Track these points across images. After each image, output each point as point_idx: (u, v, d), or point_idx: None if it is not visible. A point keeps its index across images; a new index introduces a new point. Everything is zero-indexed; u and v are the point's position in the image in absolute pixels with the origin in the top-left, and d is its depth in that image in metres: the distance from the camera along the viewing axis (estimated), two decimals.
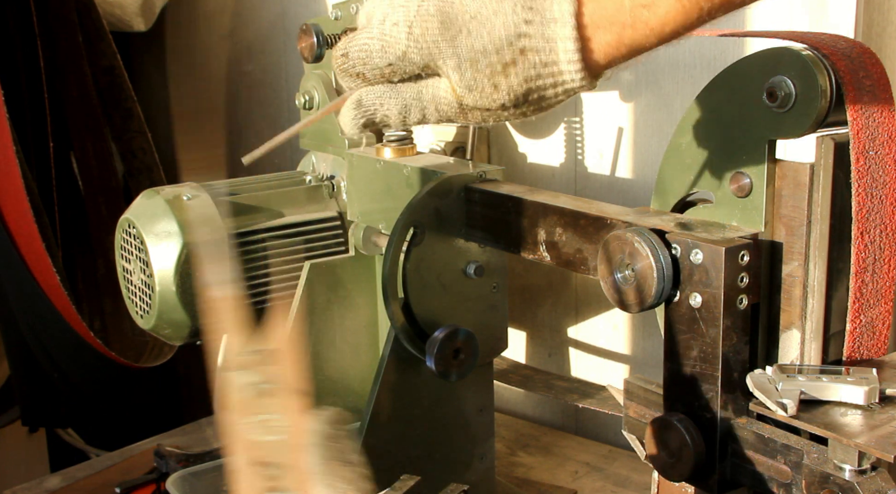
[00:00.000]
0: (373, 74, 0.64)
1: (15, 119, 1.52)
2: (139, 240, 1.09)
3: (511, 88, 0.61)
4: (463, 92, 0.62)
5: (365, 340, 1.17)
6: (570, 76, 0.61)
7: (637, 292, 0.77)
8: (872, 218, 0.75)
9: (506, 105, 0.62)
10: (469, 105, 0.63)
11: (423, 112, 0.65)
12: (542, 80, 0.61)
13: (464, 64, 0.61)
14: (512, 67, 0.61)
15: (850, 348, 0.77)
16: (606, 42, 0.60)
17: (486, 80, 0.61)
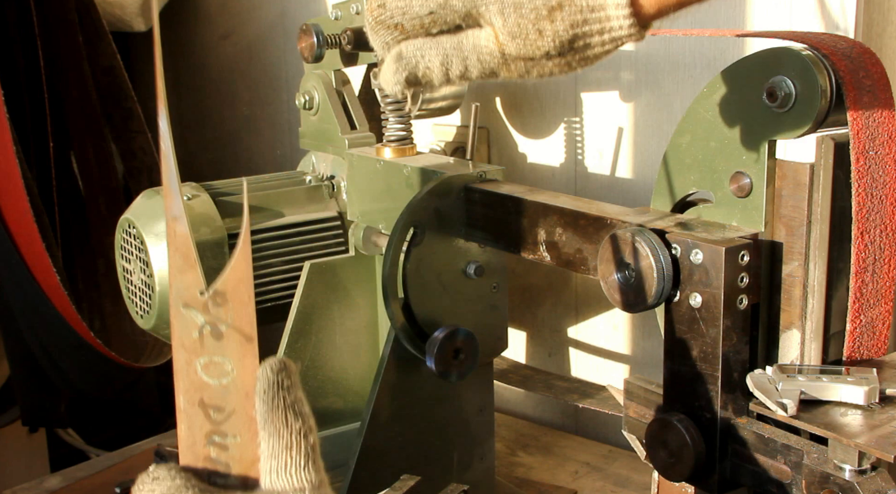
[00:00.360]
0: (412, 24, 0.61)
1: (15, 119, 1.52)
2: (139, 240, 1.09)
3: (557, 34, 0.58)
4: (506, 39, 0.59)
5: (365, 340, 1.17)
6: (619, 23, 0.58)
7: (637, 293, 0.77)
8: (872, 218, 0.75)
9: (550, 53, 0.59)
10: (512, 54, 0.60)
11: (464, 62, 0.61)
12: (590, 26, 0.58)
13: (507, 8, 0.59)
14: (558, 11, 0.58)
15: (850, 348, 0.77)
16: (661, 6, 0.58)
17: (530, 25, 0.58)
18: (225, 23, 1.96)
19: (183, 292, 0.55)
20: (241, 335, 0.55)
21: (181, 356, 0.55)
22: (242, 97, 1.97)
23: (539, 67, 0.61)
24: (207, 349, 0.55)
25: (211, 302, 0.55)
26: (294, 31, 1.19)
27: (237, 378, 0.55)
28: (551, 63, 0.61)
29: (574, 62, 0.61)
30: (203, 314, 0.55)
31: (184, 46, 2.06)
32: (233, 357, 0.55)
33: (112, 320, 1.81)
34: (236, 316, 0.55)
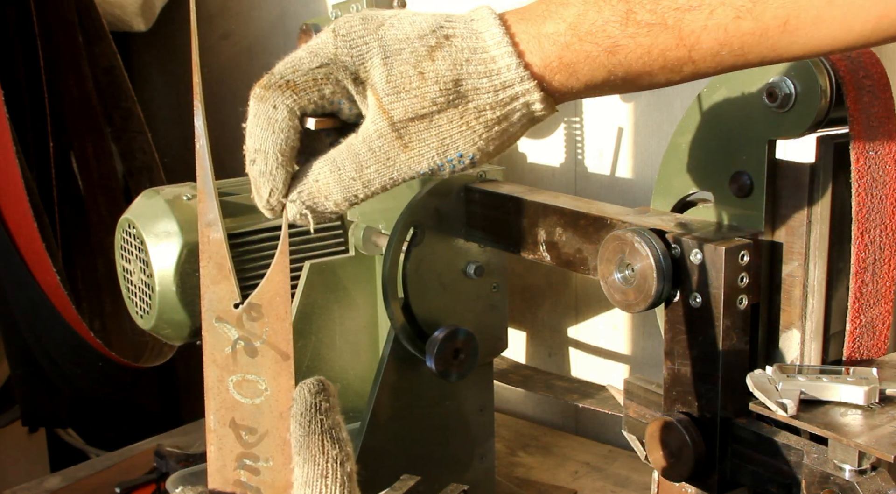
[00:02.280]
0: (304, 79, 0.60)
1: (15, 119, 1.52)
2: (139, 240, 1.09)
3: (439, 74, 0.56)
4: (390, 98, 0.57)
5: (365, 340, 1.17)
6: (506, 68, 0.56)
7: (637, 293, 0.77)
8: (872, 218, 0.75)
9: (437, 100, 0.57)
10: (400, 116, 0.57)
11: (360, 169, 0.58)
12: (473, 66, 0.57)
13: (389, 58, 0.57)
14: (438, 50, 0.57)
15: (850, 348, 0.77)
16: (544, 57, 0.57)
17: (411, 68, 0.57)
18: (225, 23, 1.96)
19: (216, 305, 0.52)
20: (276, 351, 0.52)
21: (213, 373, 0.52)
22: (242, 97, 1.96)
23: (437, 134, 0.58)
24: (241, 365, 0.52)
25: (245, 316, 0.52)
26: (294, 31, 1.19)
27: (271, 398, 0.52)
28: (447, 121, 0.57)
29: (471, 121, 0.57)
30: (237, 328, 0.52)
31: (184, 46, 2.06)
32: (267, 376, 0.52)
33: (112, 320, 1.81)
34: (272, 332, 0.52)
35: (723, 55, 0.56)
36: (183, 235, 1.07)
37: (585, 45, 0.56)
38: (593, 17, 0.56)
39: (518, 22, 0.58)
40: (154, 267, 1.08)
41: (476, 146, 0.58)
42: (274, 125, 0.60)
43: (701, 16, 0.54)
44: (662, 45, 0.56)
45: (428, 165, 0.59)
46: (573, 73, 0.57)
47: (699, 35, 0.55)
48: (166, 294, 1.07)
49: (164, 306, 1.08)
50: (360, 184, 0.59)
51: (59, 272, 1.52)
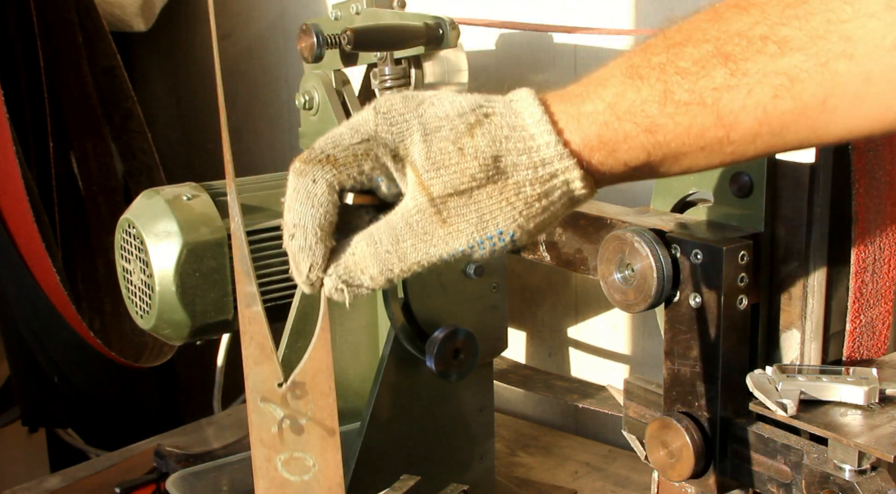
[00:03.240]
0: (344, 154, 0.59)
1: (15, 119, 1.52)
2: (139, 240, 1.09)
3: (478, 150, 0.57)
4: (429, 174, 0.57)
5: (365, 340, 1.17)
6: (546, 145, 0.57)
7: (637, 292, 0.77)
8: (872, 218, 0.75)
9: (477, 176, 0.57)
10: (440, 192, 0.57)
11: (396, 242, 0.58)
12: (512, 143, 0.57)
13: (429, 135, 0.58)
14: (477, 127, 0.57)
15: (850, 348, 0.77)
16: (583, 136, 0.57)
17: (450, 145, 0.57)
18: (225, 23, 1.96)
19: (259, 386, 0.52)
20: (322, 427, 0.52)
21: (260, 453, 0.52)
22: (242, 97, 1.97)
23: (476, 210, 0.57)
24: (287, 444, 0.52)
25: (290, 395, 0.52)
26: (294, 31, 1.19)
27: (319, 474, 0.52)
28: (486, 197, 0.57)
29: (511, 197, 0.57)
30: (282, 407, 0.52)
31: (184, 46, 2.06)
32: (314, 452, 0.52)
33: (112, 320, 1.81)
34: (316, 408, 0.52)
35: (762, 136, 0.55)
36: (183, 235, 1.07)
37: (624, 125, 0.56)
38: (632, 97, 0.56)
39: (557, 102, 0.58)
40: (154, 267, 1.08)
41: (516, 223, 0.58)
42: (313, 199, 0.59)
43: (739, 95, 0.54)
44: (701, 125, 0.55)
45: (466, 241, 0.58)
46: (612, 152, 0.57)
47: (737, 115, 0.54)
48: (166, 294, 1.07)
49: (163, 307, 1.08)
50: (396, 257, 0.59)
51: (59, 272, 1.52)
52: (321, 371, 0.52)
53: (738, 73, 0.54)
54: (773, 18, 0.53)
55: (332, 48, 1.14)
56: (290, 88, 1.83)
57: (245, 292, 0.53)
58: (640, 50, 0.58)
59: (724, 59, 0.54)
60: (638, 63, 0.57)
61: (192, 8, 2.01)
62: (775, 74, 0.53)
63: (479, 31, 1.44)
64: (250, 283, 0.54)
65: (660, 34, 0.58)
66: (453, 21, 1.13)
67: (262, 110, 1.93)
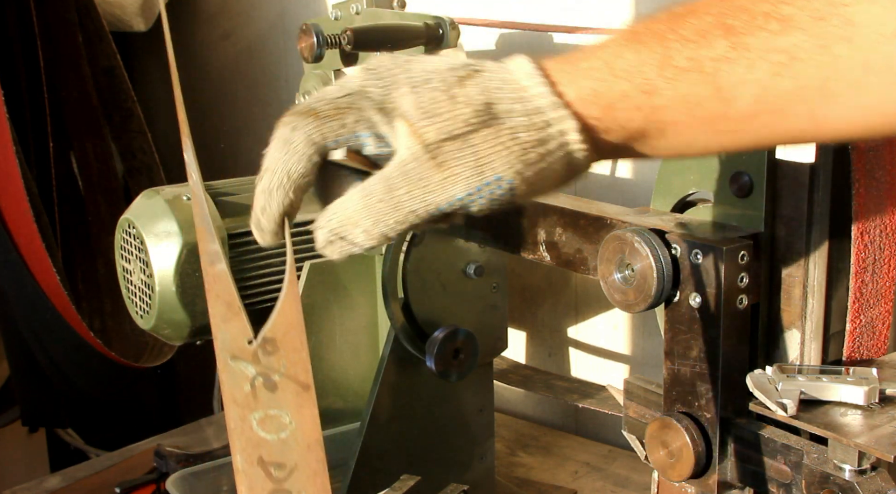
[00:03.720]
0: (327, 107, 0.58)
1: (15, 119, 1.52)
2: (139, 240, 1.09)
3: (469, 97, 0.56)
4: (422, 122, 0.56)
5: (365, 340, 1.17)
6: (539, 96, 0.56)
7: (637, 292, 0.77)
8: (872, 218, 0.75)
9: (471, 120, 0.56)
10: (433, 137, 0.56)
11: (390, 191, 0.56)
12: (504, 93, 0.57)
13: (418, 85, 0.57)
14: (467, 79, 0.57)
15: (850, 348, 0.77)
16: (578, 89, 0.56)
17: (441, 95, 0.56)
18: (225, 23, 1.96)
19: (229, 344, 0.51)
20: (296, 383, 0.51)
21: (234, 413, 0.51)
22: (242, 97, 1.97)
23: (472, 153, 0.56)
24: (262, 402, 0.51)
25: (261, 351, 0.51)
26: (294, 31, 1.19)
27: (296, 431, 0.51)
28: (482, 140, 0.56)
29: (507, 141, 0.56)
30: (253, 364, 0.51)
31: (184, 46, 2.06)
32: (290, 409, 0.51)
33: (112, 320, 1.81)
34: (289, 364, 0.51)
35: (761, 116, 0.55)
36: (183, 235, 1.07)
37: (621, 83, 0.56)
38: (630, 57, 0.56)
39: (552, 62, 0.58)
40: (154, 267, 1.08)
41: (514, 169, 0.56)
42: (289, 146, 0.58)
43: (739, 68, 0.53)
44: (699, 95, 0.55)
45: (465, 187, 0.56)
46: (608, 109, 0.56)
47: (737, 88, 0.54)
48: (166, 294, 1.08)
49: (163, 307, 1.08)
50: (390, 206, 0.57)
51: (59, 272, 1.52)
52: (292, 326, 0.51)
53: (738, 46, 0.53)
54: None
55: (332, 48, 1.14)
56: (290, 88, 1.83)
57: (208, 250, 0.52)
58: (643, 20, 0.58)
59: (725, 32, 0.54)
60: (639, 30, 0.57)
61: (192, 8, 2.01)
62: (776, 51, 0.53)
63: (479, 31, 1.44)
64: (213, 240, 0.52)
65: (666, 9, 0.57)
66: (453, 21, 1.13)
67: (262, 110, 1.93)
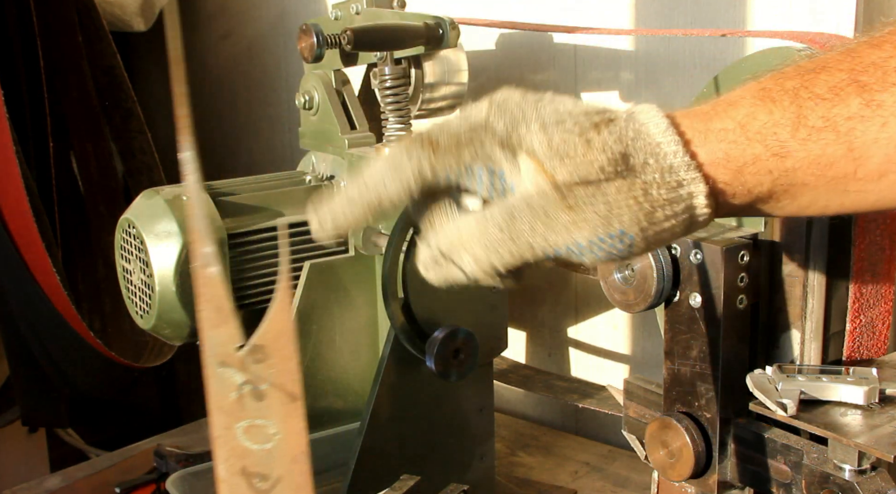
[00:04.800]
0: (447, 139, 0.55)
1: (15, 119, 1.52)
2: (139, 240, 1.09)
3: (606, 144, 0.54)
4: (553, 162, 0.54)
5: (365, 340, 1.17)
6: (673, 154, 0.54)
7: (637, 293, 0.77)
8: (872, 218, 0.75)
9: (605, 168, 0.53)
10: (566, 179, 0.53)
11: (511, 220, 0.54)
12: (638, 144, 0.54)
13: (550, 126, 0.54)
14: (602, 125, 0.54)
15: (850, 348, 0.77)
16: (709, 151, 0.54)
17: (576, 137, 0.54)
18: (225, 23, 1.96)
19: (217, 349, 0.50)
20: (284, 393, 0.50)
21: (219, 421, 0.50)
22: (242, 97, 1.97)
23: (605, 202, 0.53)
24: (248, 411, 0.50)
25: (250, 359, 0.50)
26: (294, 31, 1.19)
27: (282, 442, 0.50)
28: (615, 191, 0.53)
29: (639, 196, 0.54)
30: (241, 372, 0.50)
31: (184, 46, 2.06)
32: (276, 419, 0.50)
33: (112, 320, 1.81)
34: (278, 373, 0.50)
35: (889, 176, 0.53)
36: (183, 235, 1.07)
37: (754, 146, 0.54)
38: (763, 119, 0.54)
39: (682, 117, 0.56)
40: (154, 267, 1.08)
41: (639, 226, 0.54)
42: (395, 172, 0.55)
43: (873, 127, 0.52)
44: (831, 155, 0.53)
45: (590, 233, 0.54)
46: (738, 173, 0.55)
47: (869, 147, 0.52)
48: (166, 294, 1.07)
49: (164, 307, 1.08)
50: (508, 236, 0.54)
51: (59, 272, 1.52)
52: (282, 334, 0.50)
53: (872, 103, 0.52)
54: None
55: (332, 48, 1.14)
56: (290, 88, 1.83)
57: (202, 252, 0.51)
58: (772, 76, 0.56)
59: (859, 89, 0.52)
60: (770, 86, 0.55)
61: (193, 8, 2.01)
62: None
63: (479, 31, 1.44)
64: (207, 241, 0.51)
65: (791, 64, 0.56)
66: (453, 21, 1.13)
67: (262, 110, 1.93)
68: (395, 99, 1.14)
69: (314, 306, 1.12)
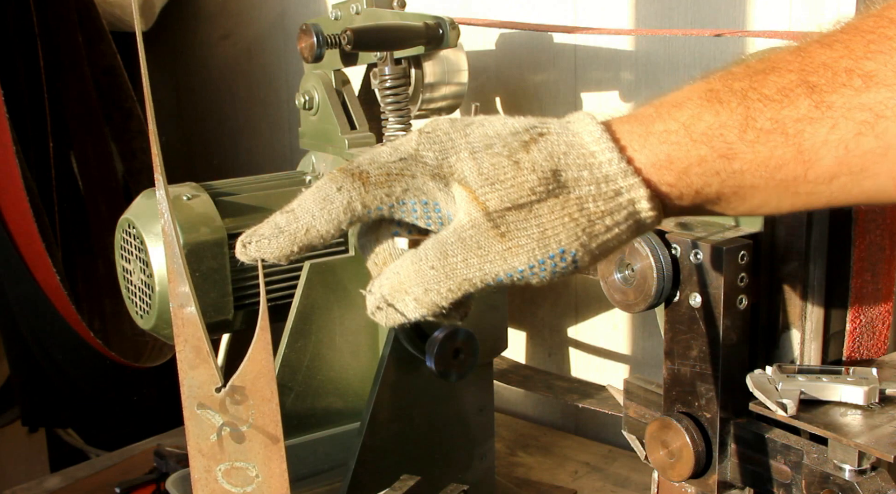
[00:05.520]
0: (377, 172, 0.55)
1: (15, 119, 1.52)
2: (139, 240, 1.09)
3: (535, 163, 0.53)
4: (484, 189, 0.53)
5: (365, 340, 1.17)
6: (608, 162, 0.53)
7: (637, 293, 0.77)
8: (872, 218, 0.75)
9: (536, 189, 0.53)
10: (496, 206, 0.53)
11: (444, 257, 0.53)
12: (571, 159, 0.53)
13: (478, 152, 0.54)
14: (532, 144, 0.54)
15: (850, 348, 0.77)
16: (650, 155, 0.54)
17: (505, 160, 0.53)
18: (225, 23, 1.96)
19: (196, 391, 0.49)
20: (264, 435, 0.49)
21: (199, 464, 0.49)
22: (242, 97, 1.97)
23: (538, 225, 0.53)
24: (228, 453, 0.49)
25: (229, 400, 0.49)
26: (294, 31, 1.19)
27: (263, 484, 0.50)
28: (548, 211, 0.53)
29: (574, 212, 0.53)
30: (221, 414, 0.49)
31: (184, 46, 2.06)
32: (257, 461, 0.49)
33: (112, 320, 1.81)
34: (258, 414, 0.49)
35: (840, 178, 0.52)
36: (183, 235, 1.07)
37: (699, 148, 0.53)
38: (709, 120, 0.53)
39: (620, 123, 0.56)
40: (154, 267, 1.08)
41: (579, 241, 0.54)
42: (325, 205, 0.56)
43: (822, 129, 0.51)
44: (780, 158, 0.52)
45: (527, 259, 0.53)
46: (683, 176, 0.54)
47: (818, 150, 0.52)
48: (166, 294, 1.07)
49: (164, 306, 1.08)
50: (444, 274, 0.54)
51: (59, 272, 1.52)
52: (262, 375, 0.49)
53: (822, 105, 0.51)
54: (857, 53, 0.51)
55: (332, 48, 1.14)
56: (290, 88, 1.83)
57: (177, 292, 0.50)
58: (720, 76, 0.55)
59: (808, 90, 0.52)
60: (717, 88, 0.54)
61: (192, 8, 2.01)
62: (860, 109, 0.50)
63: (479, 31, 1.44)
64: (183, 283, 0.50)
65: (740, 64, 0.55)
66: (453, 21, 1.13)
67: (262, 110, 1.93)
68: (395, 99, 1.14)
69: (314, 306, 1.12)
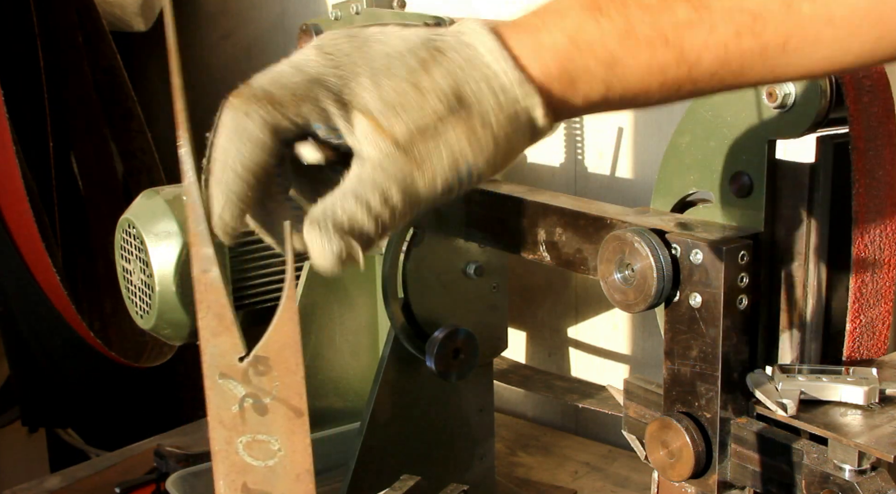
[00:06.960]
0: (283, 92, 0.54)
1: (15, 119, 1.52)
2: (139, 240, 1.09)
3: (436, 85, 0.53)
4: (387, 116, 0.53)
5: (365, 340, 1.17)
6: (503, 73, 0.54)
7: (637, 292, 0.77)
8: (872, 218, 0.75)
9: (440, 112, 0.53)
10: (402, 131, 0.53)
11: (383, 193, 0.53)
12: (468, 73, 0.54)
13: (378, 75, 0.54)
14: (431, 62, 0.54)
15: (850, 348, 0.77)
16: (542, 66, 0.55)
17: (405, 84, 0.53)
18: (225, 23, 1.96)
19: (218, 360, 0.48)
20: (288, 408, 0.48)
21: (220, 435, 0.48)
22: None
23: (446, 146, 0.53)
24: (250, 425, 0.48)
25: (252, 370, 0.48)
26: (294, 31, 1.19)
27: (285, 459, 0.48)
28: (452, 129, 0.53)
29: (477, 127, 0.54)
30: (243, 384, 0.48)
31: (184, 46, 2.06)
32: (280, 435, 0.48)
33: (112, 320, 1.81)
34: (282, 386, 0.48)
35: (722, 75, 0.55)
36: (183, 235, 1.07)
37: (585, 58, 0.55)
38: (591, 30, 0.55)
39: (512, 33, 0.56)
40: (154, 267, 1.08)
41: (484, 156, 0.54)
42: (243, 135, 0.54)
43: (701, 33, 0.53)
44: (662, 62, 0.54)
45: (442, 182, 0.54)
46: (571, 85, 0.56)
47: (699, 52, 0.54)
48: (166, 294, 1.08)
49: (164, 307, 1.08)
50: (388, 210, 0.53)
51: (59, 272, 1.52)
52: (287, 345, 0.48)
53: (701, 8, 0.53)
54: None
55: None
56: None
57: (201, 254, 0.48)
58: None
59: None
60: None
61: (193, 8, 2.01)
62: (739, 11, 0.52)
63: None
64: (207, 244, 0.48)
65: None
66: (453, 21, 1.13)
67: None
68: None
69: (314, 306, 1.12)
